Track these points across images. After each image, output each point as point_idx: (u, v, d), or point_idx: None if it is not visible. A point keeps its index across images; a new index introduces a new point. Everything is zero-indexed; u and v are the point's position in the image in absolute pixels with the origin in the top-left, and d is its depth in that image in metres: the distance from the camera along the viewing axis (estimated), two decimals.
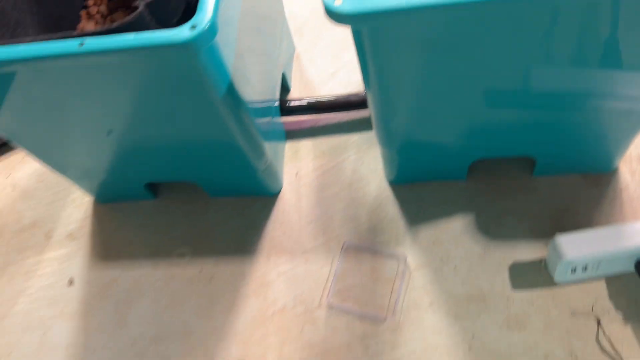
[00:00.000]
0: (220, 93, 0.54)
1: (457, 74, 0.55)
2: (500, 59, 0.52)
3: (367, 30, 0.48)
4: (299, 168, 0.81)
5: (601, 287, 0.64)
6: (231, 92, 0.57)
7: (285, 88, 0.87)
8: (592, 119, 0.62)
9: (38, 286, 0.78)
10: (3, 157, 0.92)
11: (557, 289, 0.65)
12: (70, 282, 0.77)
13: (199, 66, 0.49)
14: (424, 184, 0.75)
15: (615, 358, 0.60)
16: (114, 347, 0.71)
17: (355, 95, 0.81)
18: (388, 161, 0.73)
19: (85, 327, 0.73)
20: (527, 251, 0.68)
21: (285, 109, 0.82)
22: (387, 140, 0.68)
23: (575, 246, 0.61)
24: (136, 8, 0.50)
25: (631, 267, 0.62)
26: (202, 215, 0.79)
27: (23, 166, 0.90)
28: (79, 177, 0.76)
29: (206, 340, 0.69)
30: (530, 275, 0.66)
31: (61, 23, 0.66)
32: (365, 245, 0.72)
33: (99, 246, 0.79)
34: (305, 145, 0.83)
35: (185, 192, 0.81)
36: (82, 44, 0.44)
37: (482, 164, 0.74)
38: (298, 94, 0.88)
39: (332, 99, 0.81)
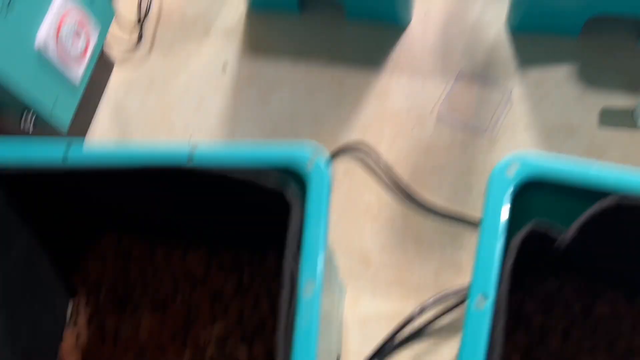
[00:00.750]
0: None
1: None
2: None
3: None
4: (428, 8, 0.93)
5: None
6: None
7: None
8: None
9: (197, 64, 0.95)
10: None
11: (638, 133, 0.76)
12: (224, 67, 0.93)
13: None
14: (540, 36, 0.85)
15: None
16: (256, 119, 0.88)
17: None
18: (515, 6, 0.84)
19: (234, 102, 0.90)
20: (620, 101, 0.79)
21: None
22: None
23: None
24: None
25: None
26: (339, 32, 0.92)
27: None
28: None
29: (332, 125, 0.85)
30: (617, 119, 0.78)
31: None
32: (477, 76, 0.84)
33: (249, 43, 0.95)
34: None
35: (327, 11, 0.94)
36: None
37: (594, 25, 0.83)
38: None
39: None
